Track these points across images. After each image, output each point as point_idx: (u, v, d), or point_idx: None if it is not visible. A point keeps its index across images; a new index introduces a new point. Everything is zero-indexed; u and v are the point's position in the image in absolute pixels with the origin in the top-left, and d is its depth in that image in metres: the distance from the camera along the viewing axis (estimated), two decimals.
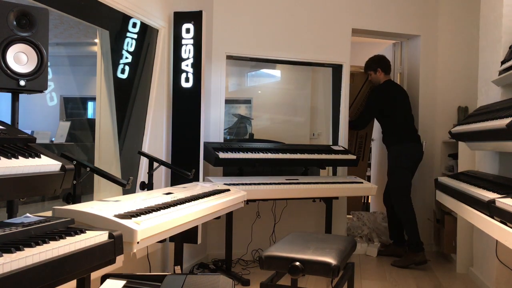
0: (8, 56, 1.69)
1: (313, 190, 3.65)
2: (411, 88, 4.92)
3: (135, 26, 3.31)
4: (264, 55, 4.36)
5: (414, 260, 3.99)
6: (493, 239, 2.95)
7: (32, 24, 1.76)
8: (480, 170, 3.39)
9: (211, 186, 3.01)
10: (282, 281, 2.67)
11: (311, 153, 3.93)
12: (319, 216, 4.34)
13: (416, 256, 3.98)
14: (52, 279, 1.23)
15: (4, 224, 1.44)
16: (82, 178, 2.03)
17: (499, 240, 1.87)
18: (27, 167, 1.44)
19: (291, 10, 4.39)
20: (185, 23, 3.31)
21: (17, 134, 1.61)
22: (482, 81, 3.51)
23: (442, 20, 4.72)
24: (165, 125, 3.34)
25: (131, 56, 3.34)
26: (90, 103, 7.53)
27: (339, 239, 2.66)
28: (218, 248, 4.05)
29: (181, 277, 1.78)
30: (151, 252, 3.06)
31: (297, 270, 2.21)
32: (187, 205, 2.23)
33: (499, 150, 2.85)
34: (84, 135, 4.97)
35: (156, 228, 1.84)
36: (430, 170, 4.64)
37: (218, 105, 4.16)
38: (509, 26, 3.08)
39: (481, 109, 2.99)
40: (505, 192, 2.02)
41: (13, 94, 1.81)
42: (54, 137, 5.24)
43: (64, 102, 7.56)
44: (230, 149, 3.61)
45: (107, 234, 1.50)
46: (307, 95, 5.35)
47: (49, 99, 6.15)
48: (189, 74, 3.31)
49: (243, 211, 4.02)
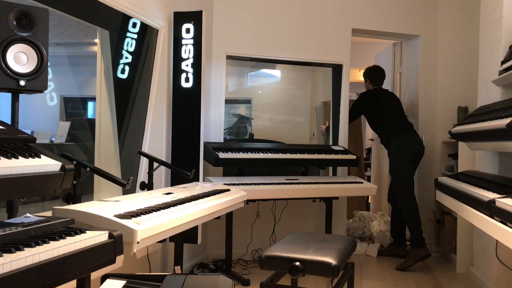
0: (8, 56, 1.69)
1: (313, 190, 3.65)
2: (411, 88, 4.93)
3: (135, 26, 3.31)
4: (264, 55, 4.36)
5: (419, 255, 3.97)
6: (493, 239, 2.95)
7: (32, 24, 1.76)
8: (480, 170, 3.39)
9: (211, 186, 3.01)
10: (282, 281, 2.67)
11: (311, 153, 3.93)
12: (319, 216, 4.34)
13: (420, 250, 3.98)
14: (52, 279, 1.23)
15: (4, 224, 1.44)
16: (82, 178, 2.03)
17: (499, 240, 1.87)
18: (27, 167, 1.44)
19: (291, 10, 4.39)
20: (185, 23, 3.31)
21: (17, 134, 1.61)
22: (482, 81, 3.51)
23: (442, 20, 4.72)
24: (165, 125, 3.34)
25: (131, 56, 3.34)
26: (90, 103, 7.52)
27: (339, 239, 2.66)
28: (218, 248, 4.05)
29: (181, 277, 1.78)
30: (151, 252, 3.06)
31: (297, 270, 2.21)
32: (187, 205, 2.23)
33: (499, 150, 2.85)
34: (84, 135, 4.97)
35: (156, 228, 1.84)
36: (430, 170, 4.64)
37: (218, 105, 4.16)
38: (509, 26, 3.08)
39: (481, 109, 2.99)
40: (505, 192, 2.02)
41: (13, 94, 1.81)
42: (54, 137, 5.24)
43: (64, 102, 7.55)
44: (230, 149, 3.61)
45: (107, 234, 1.50)
46: (307, 95, 5.35)
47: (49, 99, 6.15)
48: (189, 74, 3.31)
49: (243, 211, 4.02)
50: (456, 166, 3.96)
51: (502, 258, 2.98)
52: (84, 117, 7.57)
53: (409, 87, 4.99)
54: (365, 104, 4.48)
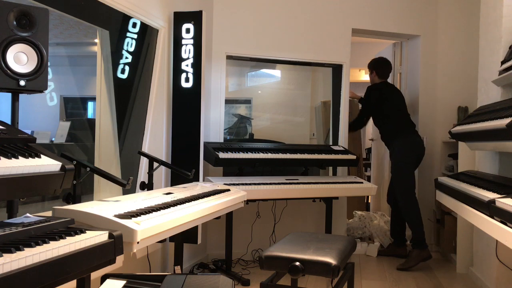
0: (8, 56, 1.69)
1: (313, 190, 3.65)
2: (411, 88, 4.93)
3: (135, 26, 3.31)
4: (264, 55, 4.36)
5: (422, 256, 3.97)
6: (493, 239, 2.95)
7: (32, 24, 1.76)
8: (480, 170, 3.39)
9: (211, 186, 3.01)
10: (282, 281, 2.67)
11: (311, 153, 3.93)
12: (319, 216, 4.34)
13: (422, 252, 3.97)
14: (52, 279, 1.23)
15: (4, 224, 1.44)
16: (82, 178, 2.03)
17: (499, 240, 1.87)
18: (27, 167, 1.44)
19: (291, 10, 4.39)
20: (185, 23, 3.31)
21: (17, 134, 1.61)
22: (482, 81, 3.51)
23: (442, 20, 4.72)
24: (165, 125, 3.34)
25: (131, 56, 3.34)
26: (90, 103, 7.53)
27: (339, 239, 2.66)
28: (218, 248, 4.05)
29: (181, 277, 1.78)
30: (151, 252, 3.06)
31: (297, 270, 2.21)
32: (187, 205, 2.23)
33: (499, 150, 2.85)
34: (84, 135, 4.97)
35: (156, 228, 1.84)
36: (430, 170, 4.64)
37: (218, 105, 4.16)
38: (509, 26, 3.08)
39: (481, 109, 2.99)
40: (505, 192, 2.02)
41: (13, 94, 1.81)
42: (54, 137, 5.24)
43: (64, 102, 7.56)
44: (230, 149, 3.62)
45: (107, 234, 1.50)
46: (307, 95, 5.35)
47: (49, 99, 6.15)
48: (189, 74, 3.31)
49: (243, 211, 4.02)
50: (456, 166, 3.96)
51: (502, 258, 2.98)
52: (84, 117, 7.57)
53: (409, 87, 4.98)
54: (372, 97, 4.40)
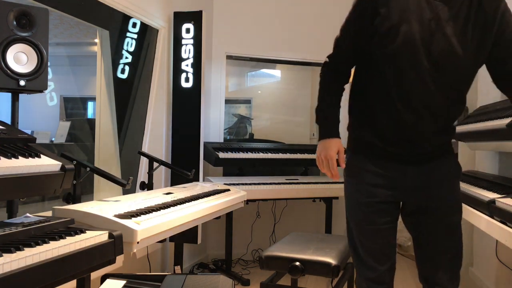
0: (8, 56, 1.69)
1: (313, 190, 3.65)
2: None
3: (135, 26, 3.32)
4: (264, 55, 4.35)
5: None
6: (493, 239, 2.94)
7: (32, 24, 1.76)
8: (480, 170, 3.38)
9: (211, 186, 3.01)
10: (282, 281, 2.67)
11: (311, 153, 3.93)
12: (319, 216, 4.33)
13: None
14: (52, 279, 1.23)
15: (4, 224, 1.44)
16: (82, 178, 2.03)
17: (499, 240, 1.87)
18: (27, 167, 1.44)
19: (291, 10, 4.39)
20: (185, 23, 3.31)
21: (17, 134, 1.61)
22: (482, 81, 3.51)
23: None
24: (165, 125, 3.34)
25: (131, 56, 3.34)
26: (90, 103, 7.54)
27: (339, 239, 2.65)
28: (218, 248, 4.05)
29: (181, 277, 1.78)
30: (151, 252, 3.06)
31: (297, 270, 2.21)
32: (187, 205, 2.23)
33: (499, 150, 2.85)
34: (84, 135, 4.98)
35: (156, 228, 1.84)
36: None
37: (218, 105, 4.16)
38: None
39: (481, 109, 2.99)
40: (505, 192, 2.02)
41: (13, 94, 1.81)
42: (54, 137, 5.25)
43: (64, 102, 7.57)
44: (230, 149, 3.62)
45: (107, 234, 1.50)
46: (307, 95, 5.35)
47: (49, 99, 6.16)
48: (189, 74, 3.31)
49: (243, 211, 4.02)
50: None
51: (502, 258, 2.98)
52: (84, 117, 7.58)
53: None
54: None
